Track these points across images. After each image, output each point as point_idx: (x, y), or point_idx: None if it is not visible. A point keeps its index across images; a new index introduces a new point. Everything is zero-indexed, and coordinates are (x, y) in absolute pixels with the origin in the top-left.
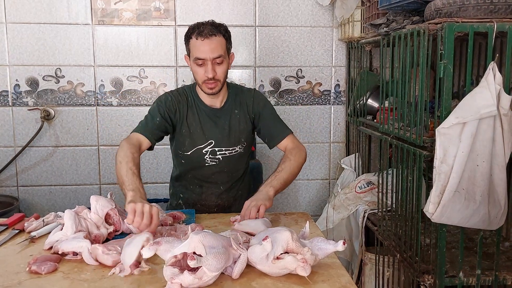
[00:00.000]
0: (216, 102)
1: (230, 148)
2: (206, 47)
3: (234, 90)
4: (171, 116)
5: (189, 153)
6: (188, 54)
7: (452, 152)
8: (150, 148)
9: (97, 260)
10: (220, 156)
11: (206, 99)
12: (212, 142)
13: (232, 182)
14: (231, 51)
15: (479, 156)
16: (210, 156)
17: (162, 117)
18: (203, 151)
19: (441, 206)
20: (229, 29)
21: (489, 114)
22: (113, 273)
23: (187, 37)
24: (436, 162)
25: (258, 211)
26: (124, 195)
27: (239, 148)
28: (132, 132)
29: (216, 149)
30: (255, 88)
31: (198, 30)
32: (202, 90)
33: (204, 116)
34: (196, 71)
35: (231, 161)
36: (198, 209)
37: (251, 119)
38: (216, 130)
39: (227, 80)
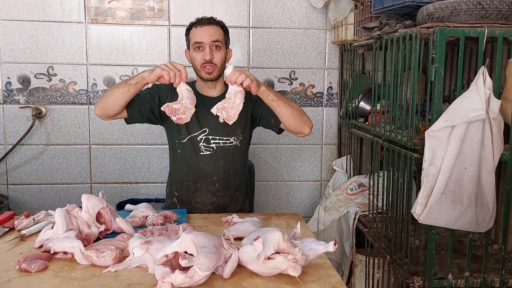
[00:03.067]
0: (214, 92)
1: (224, 138)
2: (205, 32)
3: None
4: (161, 99)
5: (185, 140)
6: (188, 47)
7: (440, 155)
8: (126, 120)
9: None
10: (214, 145)
11: (204, 89)
12: (206, 130)
13: (227, 179)
14: (229, 48)
15: (467, 159)
16: (204, 144)
17: (151, 98)
18: (198, 138)
19: (428, 208)
20: None
21: (477, 118)
22: (108, 271)
23: (188, 30)
24: (425, 164)
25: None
26: (136, 83)
27: (234, 140)
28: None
29: (210, 137)
30: None
31: (197, 21)
32: (199, 77)
33: (199, 105)
34: (195, 57)
35: (226, 153)
36: (192, 207)
37: (250, 110)
38: (211, 118)
39: None
